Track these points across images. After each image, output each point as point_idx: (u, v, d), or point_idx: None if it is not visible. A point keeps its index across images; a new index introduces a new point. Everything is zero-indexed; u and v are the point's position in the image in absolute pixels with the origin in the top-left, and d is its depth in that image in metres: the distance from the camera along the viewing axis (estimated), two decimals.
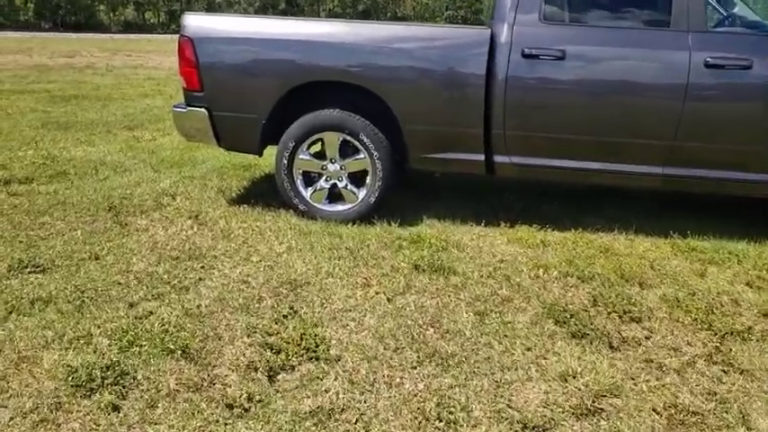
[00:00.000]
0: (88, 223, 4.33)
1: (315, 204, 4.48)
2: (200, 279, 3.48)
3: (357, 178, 4.47)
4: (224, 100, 4.41)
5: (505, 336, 2.93)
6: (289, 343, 2.80)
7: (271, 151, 4.72)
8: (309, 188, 4.51)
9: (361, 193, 4.42)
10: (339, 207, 4.48)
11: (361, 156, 4.35)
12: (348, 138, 4.31)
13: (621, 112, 4.01)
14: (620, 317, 3.15)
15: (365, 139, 4.27)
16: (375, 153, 4.29)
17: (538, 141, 4.17)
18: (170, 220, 4.44)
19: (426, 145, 4.30)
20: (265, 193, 5.04)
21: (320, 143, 4.44)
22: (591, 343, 2.89)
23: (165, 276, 3.49)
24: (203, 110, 4.41)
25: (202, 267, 3.64)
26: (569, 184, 4.95)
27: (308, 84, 4.27)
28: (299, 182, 4.46)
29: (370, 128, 4.26)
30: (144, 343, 2.75)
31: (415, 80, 4.16)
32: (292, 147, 4.37)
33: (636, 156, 4.07)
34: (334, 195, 4.51)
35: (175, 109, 4.56)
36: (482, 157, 4.26)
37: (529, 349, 2.83)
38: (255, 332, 2.90)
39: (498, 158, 4.26)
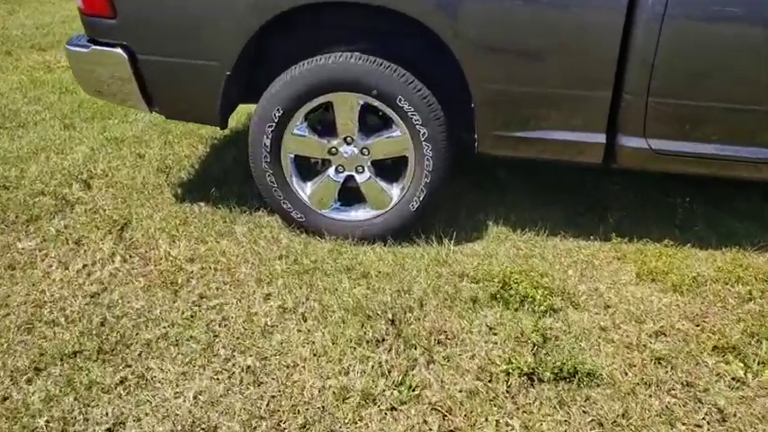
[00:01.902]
0: None
1: (318, 210, 2.73)
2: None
3: (388, 168, 2.72)
4: (156, 34, 2.52)
5: None
6: None
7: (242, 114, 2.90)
8: (309, 183, 2.74)
9: (396, 192, 2.69)
10: (358, 214, 2.75)
11: (397, 133, 2.57)
12: (375, 103, 2.51)
13: None
14: None
15: (406, 106, 2.48)
16: (422, 129, 2.52)
17: (705, 116, 2.44)
18: (75, 242, 2.65)
19: (510, 117, 2.53)
20: (236, 174, 3.24)
21: (325, 111, 2.63)
22: None
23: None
24: (119, 51, 2.52)
25: (121, 397, 1.92)
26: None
27: (304, 7, 2.41)
28: (291, 174, 2.69)
29: (415, 86, 2.46)
30: None
31: (500, 7, 2.33)
32: (279, 117, 2.55)
33: None
34: (351, 195, 2.76)
35: (71, 48, 2.65)
36: (602, 138, 2.53)
37: None
38: None
39: (627, 141, 2.53)
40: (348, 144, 2.63)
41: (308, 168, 2.76)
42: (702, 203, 3.07)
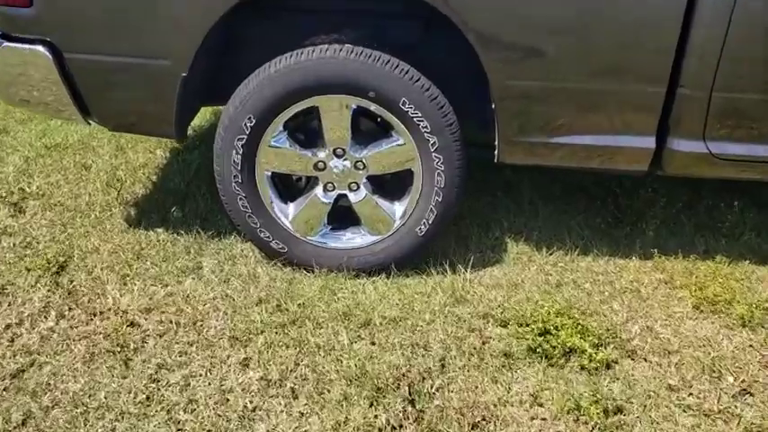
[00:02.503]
0: None
1: (304, 238, 2.22)
2: None
3: (389, 184, 2.22)
4: (86, 26, 1.95)
5: None
6: None
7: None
8: (291, 206, 2.22)
9: (399, 212, 2.19)
10: (353, 240, 2.24)
11: (400, 142, 2.07)
12: (372, 107, 2.00)
13: None
14: None
15: (411, 111, 1.98)
16: (432, 138, 2.01)
17: None
18: (7, 293, 2.11)
19: (541, 119, 2.03)
20: (201, 185, 2.71)
21: (307, 116, 2.10)
22: None
23: None
24: (40, 49, 1.95)
25: None
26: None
27: None
28: (268, 196, 2.16)
29: (422, 86, 1.95)
30: None
31: None
32: (251, 128, 2.02)
33: None
34: (342, 215, 2.25)
35: None
36: (651, 143, 2.05)
37: None
38: None
39: (682, 144, 2.06)
40: (339, 157, 2.12)
41: (289, 187, 2.25)
42: (749, 206, 2.63)
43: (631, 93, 1.97)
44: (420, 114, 1.98)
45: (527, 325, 1.93)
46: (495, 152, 2.13)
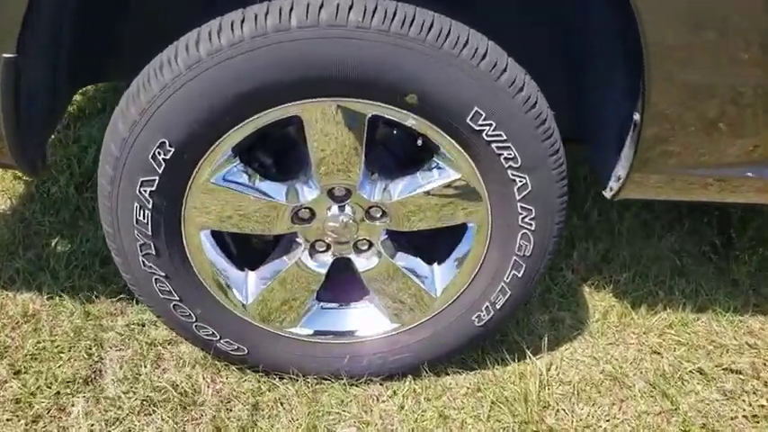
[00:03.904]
0: None
1: (276, 330, 1.27)
2: None
3: (422, 241, 1.27)
4: None
5: None
6: None
7: None
8: (252, 277, 1.25)
9: (440, 284, 1.26)
10: (362, 327, 1.31)
11: (452, 176, 1.11)
12: (408, 121, 1.02)
13: None
14: None
15: (489, 129, 1.02)
16: (520, 177, 1.07)
17: None
18: None
19: (708, 141, 1.10)
20: (88, 228, 1.69)
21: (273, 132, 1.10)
22: None
23: None
24: None
25: None
26: None
27: None
28: (207, 265, 1.18)
29: (515, 86, 0.98)
30: None
31: None
32: (167, 161, 1.02)
33: None
34: (337, 289, 1.31)
35: None
36: None
37: None
38: None
39: None
40: (338, 201, 1.15)
41: (246, 246, 1.28)
42: None
43: None
44: (504, 136, 1.02)
45: None
46: (612, 185, 1.21)
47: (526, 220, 1.12)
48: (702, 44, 0.98)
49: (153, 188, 1.04)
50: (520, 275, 1.19)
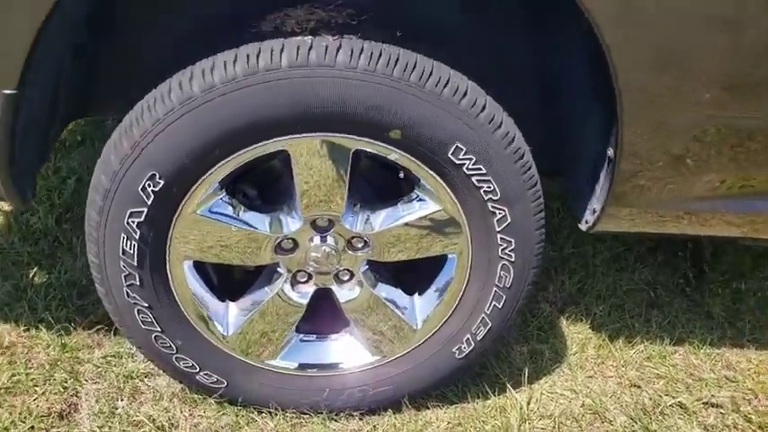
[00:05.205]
0: None
1: (256, 363, 1.27)
2: None
3: (404, 271, 1.29)
4: None
5: None
6: None
7: None
8: (232, 309, 1.26)
9: (421, 314, 1.27)
10: (345, 360, 1.31)
11: (432, 209, 1.14)
12: (391, 156, 1.05)
13: None
14: None
15: (469, 164, 1.05)
16: (499, 209, 1.10)
17: None
18: None
19: (696, 171, 1.15)
20: (68, 258, 1.68)
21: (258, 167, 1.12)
22: None
23: None
24: None
25: None
26: None
27: None
28: (189, 297, 1.19)
29: (495, 123, 1.02)
30: None
31: None
32: (157, 193, 1.03)
33: None
34: (317, 322, 1.32)
35: None
36: None
37: None
38: None
39: None
40: (322, 232, 1.17)
41: (227, 277, 1.29)
42: None
43: None
44: (483, 170, 1.06)
45: None
46: (588, 218, 1.25)
47: (506, 251, 1.15)
48: (671, 85, 1.03)
49: (141, 219, 1.05)
50: (500, 307, 1.22)
